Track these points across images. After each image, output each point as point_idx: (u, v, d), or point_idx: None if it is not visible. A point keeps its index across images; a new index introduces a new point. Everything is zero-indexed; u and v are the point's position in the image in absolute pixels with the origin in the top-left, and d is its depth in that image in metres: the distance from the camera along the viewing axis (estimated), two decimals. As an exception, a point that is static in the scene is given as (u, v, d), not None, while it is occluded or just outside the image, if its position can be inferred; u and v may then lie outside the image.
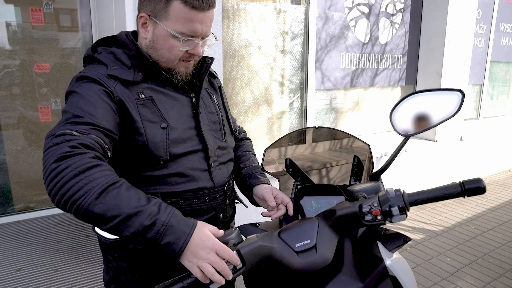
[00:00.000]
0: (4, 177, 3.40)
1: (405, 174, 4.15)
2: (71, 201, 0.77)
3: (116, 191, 0.79)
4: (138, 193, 0.82)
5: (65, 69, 3.49)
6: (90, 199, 0.77)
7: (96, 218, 0.78)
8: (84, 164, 0.79)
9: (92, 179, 0.78)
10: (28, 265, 2.69)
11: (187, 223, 0.82)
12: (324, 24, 3.65)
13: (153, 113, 1.03)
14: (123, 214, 0.77)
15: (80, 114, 0.90)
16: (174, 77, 1.08)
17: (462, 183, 0.83)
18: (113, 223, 0.78)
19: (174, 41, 1.01)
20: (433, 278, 2.67)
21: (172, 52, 1.03)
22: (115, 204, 0.78)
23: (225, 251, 0.80)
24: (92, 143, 0.86)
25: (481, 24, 4.98)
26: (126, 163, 1.03)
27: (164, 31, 1.00)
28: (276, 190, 1.21)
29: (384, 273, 0.92)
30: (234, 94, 3.25)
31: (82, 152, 0.82)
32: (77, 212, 0.78)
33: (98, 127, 0.91)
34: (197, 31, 1.00)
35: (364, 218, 0.87)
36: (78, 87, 0.96)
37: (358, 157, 1.20)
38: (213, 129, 1.16)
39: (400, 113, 1.04)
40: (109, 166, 0.84)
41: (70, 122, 0.89)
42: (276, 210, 1.16)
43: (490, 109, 5.55)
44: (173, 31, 0.99)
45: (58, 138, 0.83)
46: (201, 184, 1.09)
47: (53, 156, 0.80)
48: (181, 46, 1.02)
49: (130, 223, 0.78)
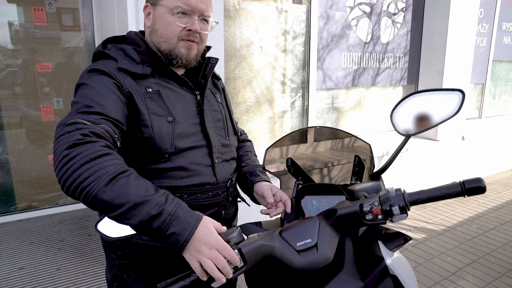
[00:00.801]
0: (6, 176, 3.41)
1: (407, 174, 4.15)
2: (80, 187, 0.78)
3: (125, 180, 0.80)
4: (146, 183, 0.83)
5: (67, 69, 3.51)
6: (99, 186, 0.78)
7: (104, 205, 0.79)
8: (95, 152, 0.81)
9: (102, 166, 0.79)
10: (31, 263, 2.71)
11: (193, 215, 0.83)
12: (326, 24, 3.65)
13: (160, 106, 1.06)
14: (131, 202, 0.78)
15: (91, 104, 0.92)
16: (175, 60, 1.10)
17: (462, 183, 0.83)
18: (120, 210, 0.78)
19: (171, 17, 1.06)
20: (434, 278, 2.68)
21: (169, 28, 1.07)
22: (123, 192, 0.78)
23: (226, 250, 0.81)
24: (102, 132, 0.87)
25: (483, 23, 4.97)
26: (131, 155, 1.05)
27: (161, 9, 1.07)
28: (275, 187, 1.23)
29: (385, 272, 0.92)
30: (236, 93, 3.25)
31: (93, 140, 0.83)
32: (86, 199, 0.79)
33: (108, 117, 0.93)
34: (191, 4, 1.05)
35: (365, 217, 0.88)
36: (89, 79, 0.99)
37: (359, 156, 1.21)
38: (216, 127, 1.19)
39: (400, 113, 1.05)
40: (119, 155, 0.86)
41: (81, 112, 0.90)
42: (275, 207, 1.19)
43: (492, 108, 5.54)
44: (169, 5, 1.05)
45: (69, 127, 0.85)
46: (204, 179, 1.11)
47: (65, 143, 0.81)
48: (178, 21, 1.06)
49: (137, 211, 0.78)
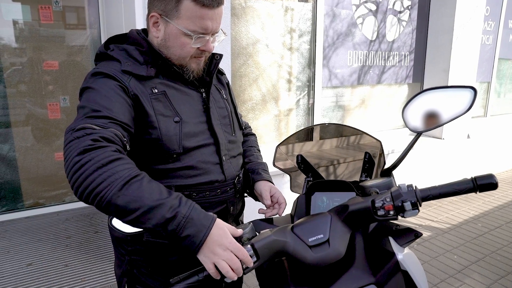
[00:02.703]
0: (14, 174, 3.44)
1: (412, 172, 4.15)
2: (94, 193, 0.79)
3: (138, 184, 0.80)
4: (160, 186, 0.84)
5: (73, 67, 3.52)
6: (113, 191, 0.78)
7: (118, 210, 0.79)
8: (107, 157, 0.81)
9: (115, 171, 0.80)
10: (38, 260, 2.73)
11: (207, 216, 0.84)
12: (332, 22, 3.65)
13: (166, 107, 1.05)
14: (145, 206, 0.79)
15: (98, 108, 0.92)
16: (186, 73, 1.10)
17: (474, 179, 0.83)
18: (135, 215, 0.79)
19: (186, 39, 1.03)
20: (440, 275, 2.68)
21: (184, 50, 1.05)
22: (137, 196, 0.79)
23: (240, 251, 0.82)
24: (112, 136, 0.88)
25: (489, 21, 4.94)
26: (140, 156, 1.05)
27: (175, 29, 1.03)
28: (274, 188, 1.24)
29: (396, 267, 0.93)
30: (242, 91, 3.26)
31: (104, 145, 0.83)
32: (100, 204, 0.80)
33: (116, 120, 0.93)
34: (208, 28, 1.03)
35: (377, 213, 0.88)
36: (93, 82, 0.98)
37: (369, 153, 1.21)
38: (223, 124, 1.19)
39: (412, 109, 1.05)
40: (130, 160, 0.86)
41: (89, 116, 0.90)
42: (272, 208, 1.22)
43: (498, 106, 5.52)
44: (185, 29, 1.01)
45: (78, 132, 0.85)
46: (213, 177, 1.12)
47: (76, 149, 0.81)
48: (193, 43, 1.04)
49: (152, 215, 0.79)
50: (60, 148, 3.60)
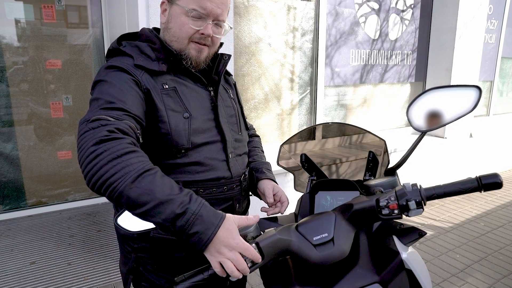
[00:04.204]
0: (17, 172, 3.45)
1: (415, 171, 4.14)
2: (107, 183, 0.79)
3: (151, 177, 0.81)
4: (171, 182, 0.84)
5: (76, 66, 3.53)
6: (126, 183, 0.79)
7: (129, 202, 0.80)
8: (122, 149, 0.82)
9: (129, 163, 0.80)
10: (42, 258, 2.74)
11: (216, 214, 0.84)
12: (334, 21, 3.65)
13: (176, 103, 1.07)
14: (156, 200, 0.79)
15: (112, 100, 0.93)
16: (184, 59, 1.11)
17: (479, 178, 0.83)
18: (145, 208, 0.79)
19: (186, 18, 1.07)
20: (442, 275, 2.68)
21: (182, 29, 1.08)
22: (149, 190, 0.79)
23: (248, 250, 0.82)
24: (126, 128, 0.89)
25: (492, 20, 4.93)
26: (149, 151, 1.07)
27: (177, 9, 1.07)
28: (277, 187, 1.26)
29: (400, 266, 0.93)
30: (245, 90, 3.26)
31: (120, 137, 0.84)
32: (112, 195, 0.80)
33: (130, 113, 0.94)
34: (207, 8, 1.06)
35: (381, 212, 0.88)
36: (107, 75, 1.00)
37: (373, 152, 1.21)
38: (230, 122, 1.21)
39: (416, 108, 1.05)
40: (144, 153, 0.87)
41: (103, 108, 0.91)
42: (274, 207, 1.24)
43: (500, 106, 5.50)
44: (185, 6, 1.06)
45: (94, 123, 0.85)
46: (220, 174, 1.13)
47: (91, 140, 0.82)
48: (192, 23, 1.07)
49: (162, 209, 0.79)
50: (62, 147, 3.60)
